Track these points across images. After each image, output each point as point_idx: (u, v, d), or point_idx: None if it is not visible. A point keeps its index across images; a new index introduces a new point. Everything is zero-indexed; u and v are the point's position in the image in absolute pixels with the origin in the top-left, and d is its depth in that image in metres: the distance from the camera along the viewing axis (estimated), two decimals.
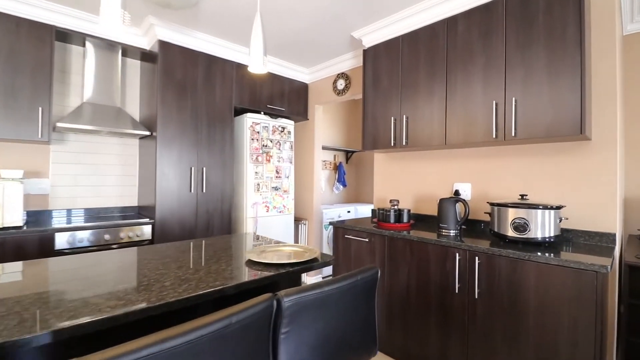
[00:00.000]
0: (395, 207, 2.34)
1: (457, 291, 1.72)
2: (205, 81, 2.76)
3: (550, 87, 1.64)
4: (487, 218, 2.16)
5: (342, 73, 3.24)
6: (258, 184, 3.08)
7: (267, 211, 3.15)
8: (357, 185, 5.15)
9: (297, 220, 3.62)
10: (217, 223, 2.83)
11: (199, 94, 2.72)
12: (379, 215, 2.36)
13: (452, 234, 1.96)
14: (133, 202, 2.88)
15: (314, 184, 3.56)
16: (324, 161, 4.58)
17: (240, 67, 3.01)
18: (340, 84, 3.25)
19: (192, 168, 2.67)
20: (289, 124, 3.34)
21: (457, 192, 2.17)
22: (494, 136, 1.84)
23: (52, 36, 2.24)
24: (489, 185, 2.16)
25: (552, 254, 1.46)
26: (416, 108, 2.23)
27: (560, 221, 1.64)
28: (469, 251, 1.69)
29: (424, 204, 2.52)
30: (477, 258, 1.65)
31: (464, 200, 2.02)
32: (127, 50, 2.68)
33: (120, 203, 2.81)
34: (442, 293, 1.80)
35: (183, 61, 2.63)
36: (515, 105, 1.77)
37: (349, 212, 4.12)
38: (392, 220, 2.27)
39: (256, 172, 3.07)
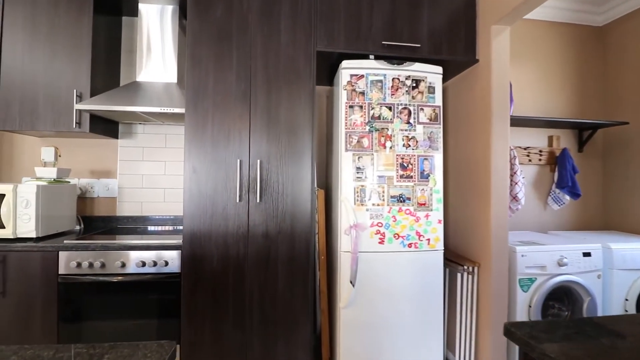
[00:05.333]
0: None
1: None
2: (262, 15, 1.64)
3: None
4: None
5: None
6: (361, 190, 1.64)
7: (382, 242, 1.64)
8: (608, 197, 2.54)
9: (453, 264, 1.84)
10: (284, 256, 1.63)
11: (250, 39, 1.63)
12: None
13: None
14: None
15: (490, 192, 1.69)
16: (525, 148, 2.43)
17: None
18: None
19: (240, 161, 1.61)
20: (430, 72, 1.69)
21: None
22: None
23: (91, 5, 1.78)
24: None
25: None
26: None
27: None
28: None
29: None
30: None
31: None
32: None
33: None
34: None
35: None
36: None
37: (587, 255, 1.86)
38: None
39: (358, 168, 1.64)
